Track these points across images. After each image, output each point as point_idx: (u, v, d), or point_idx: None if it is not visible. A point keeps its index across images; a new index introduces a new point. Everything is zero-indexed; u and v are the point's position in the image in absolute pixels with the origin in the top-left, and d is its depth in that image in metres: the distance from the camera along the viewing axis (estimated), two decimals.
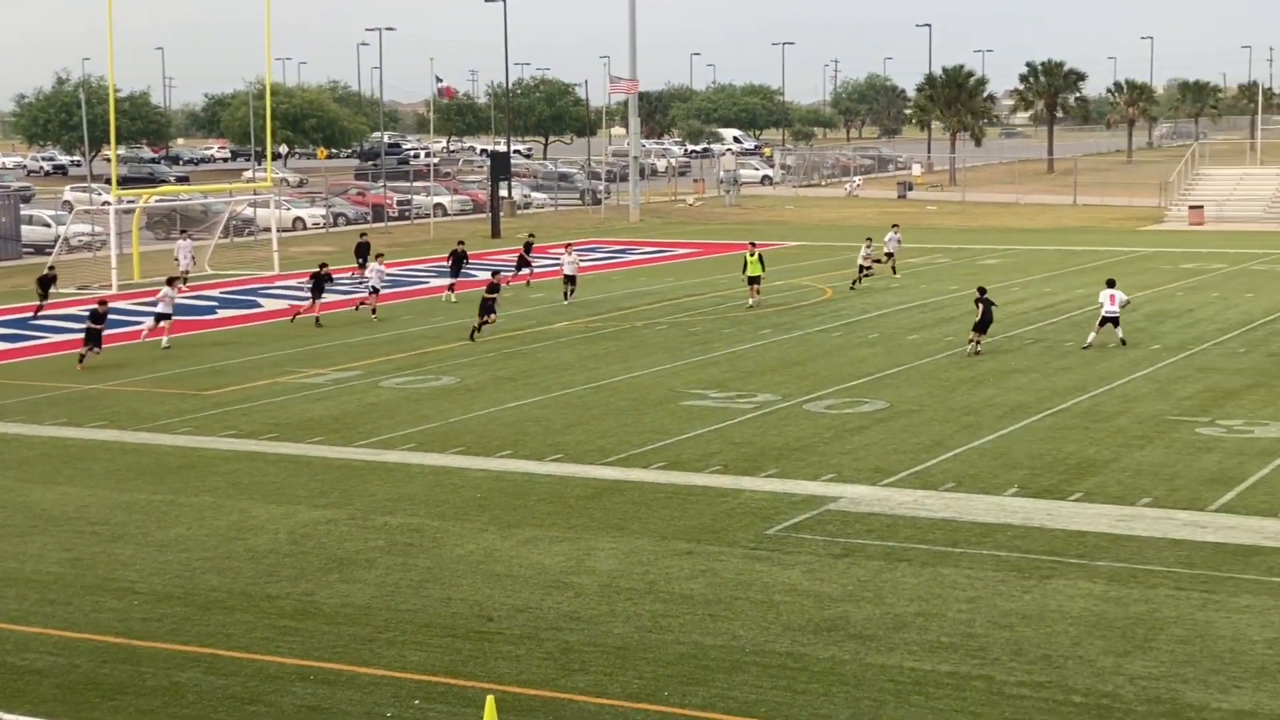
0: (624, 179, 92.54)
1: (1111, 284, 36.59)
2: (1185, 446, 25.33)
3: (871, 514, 21.65)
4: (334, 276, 44.85)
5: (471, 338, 38.51)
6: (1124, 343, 35.49)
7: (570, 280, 46.93)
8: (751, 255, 44.88)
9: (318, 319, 42.24)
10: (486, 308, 39.13)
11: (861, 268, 49.08)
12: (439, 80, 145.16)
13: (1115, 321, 35.83)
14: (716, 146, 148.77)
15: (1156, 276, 50.81)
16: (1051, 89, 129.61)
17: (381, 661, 16.25)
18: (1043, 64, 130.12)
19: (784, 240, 68.75)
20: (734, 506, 22.22)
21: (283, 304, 46.59)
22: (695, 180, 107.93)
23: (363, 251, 50.40)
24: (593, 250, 64.33)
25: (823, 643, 16.55)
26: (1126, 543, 19.95)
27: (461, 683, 15.60)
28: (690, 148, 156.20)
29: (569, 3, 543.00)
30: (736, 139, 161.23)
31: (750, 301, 44.47)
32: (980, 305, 35.13)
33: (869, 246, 49.90)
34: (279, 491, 23.57)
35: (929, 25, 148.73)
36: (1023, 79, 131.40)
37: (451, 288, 48.08)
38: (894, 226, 55.56)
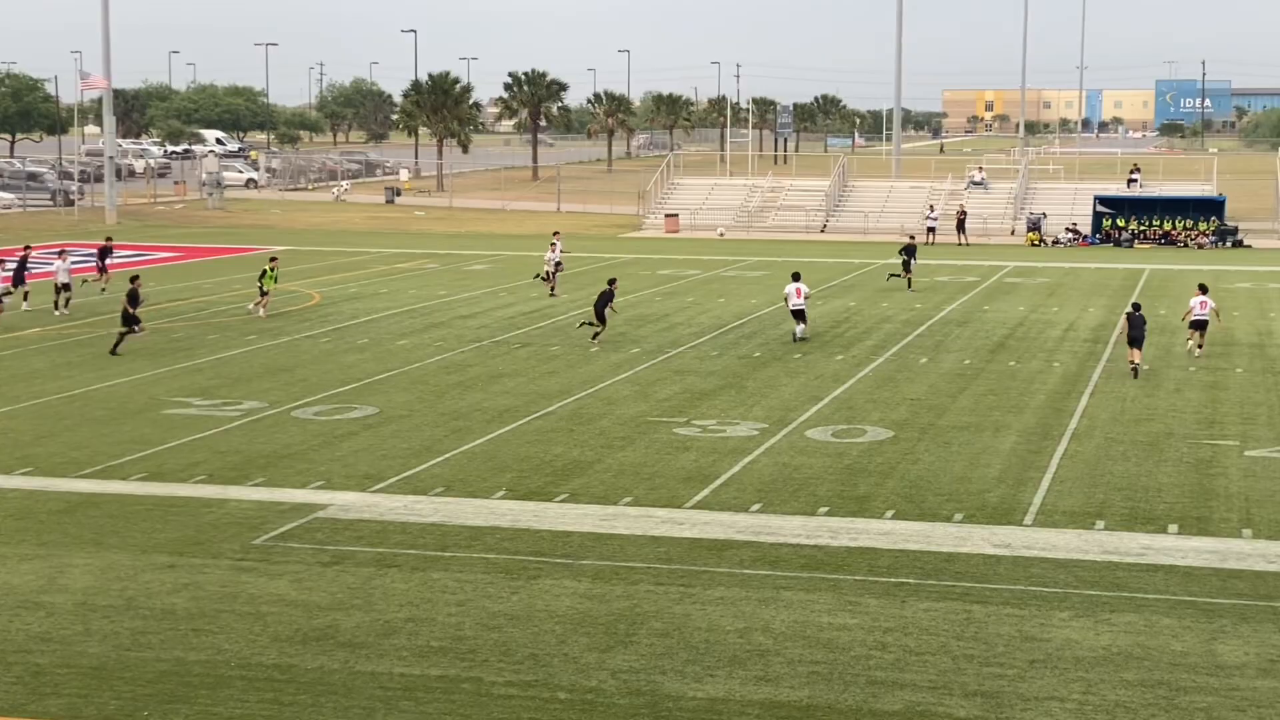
0: (100, 179, 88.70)
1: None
2: (664, 446, 26.34)
3: (361, 520, 21.50)
4: None
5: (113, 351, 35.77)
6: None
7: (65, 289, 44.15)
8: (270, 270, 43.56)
9: None
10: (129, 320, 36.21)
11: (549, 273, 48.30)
12: None
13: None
14: (198, 148, 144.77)
15: (636, 282, 52.70)
16: (535, 98, 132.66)
17: None
18: (526, 74, 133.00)
19: (271, 245, 67.49)
20: (219, 517, 21.60)
21: None
22: (176, 182, 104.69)
23: None
24: (70, 253, 61.17)
25: (311, 653, 16.29)
26: (609, 541, 20.56)
27: None
28: (171, 148, 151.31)
29: None
30: (219, 140, 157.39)
31: (250, 306, 43.30)
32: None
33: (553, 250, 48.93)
34: None
35: (415, 31, 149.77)
36: (507, 88, 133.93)
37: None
38: (555, 234, 52.21)
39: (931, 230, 71.08)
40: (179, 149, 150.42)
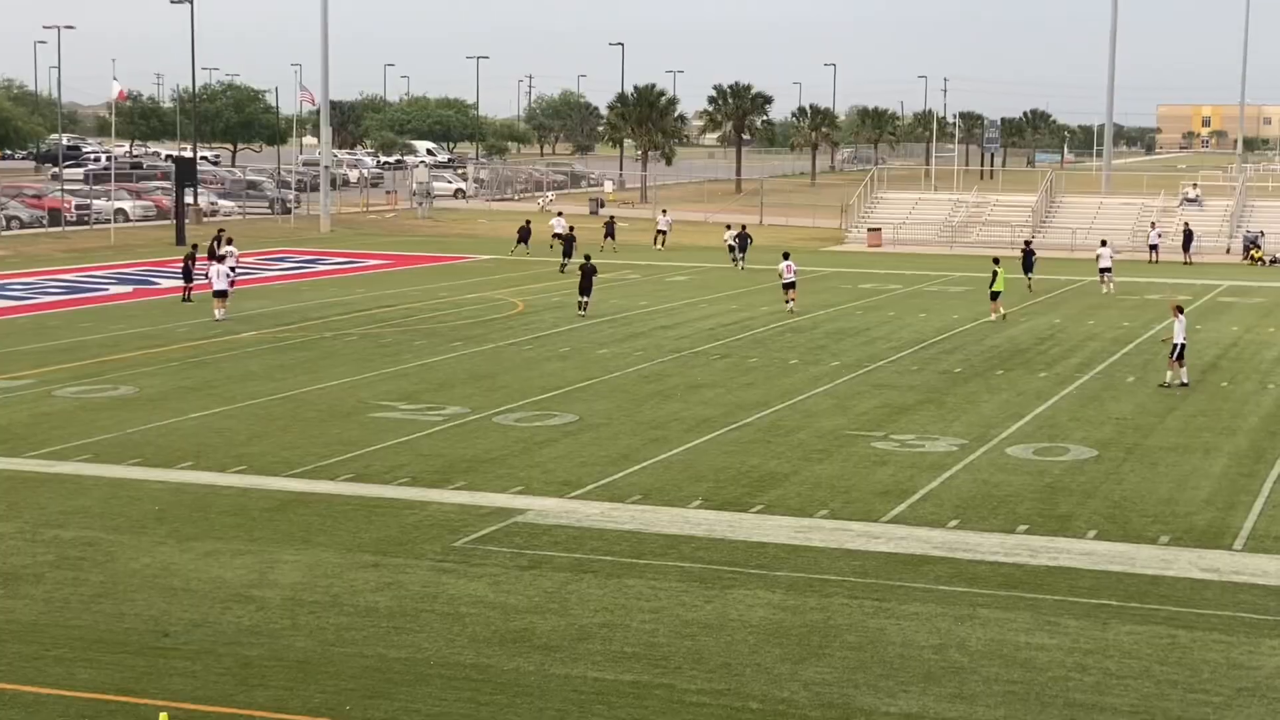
0: (315, 188, 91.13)
1: (1180, 310, 34.34)
2: (861, 460, 26.20)
3: (558, 526, 21.76)
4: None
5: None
6: (1184, 384, 33.44)
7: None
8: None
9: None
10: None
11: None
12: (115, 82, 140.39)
13: (1181, 354, 33.66)
14: (410, 158, 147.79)
15: (836, 296, 52.48)
16: (739, 111, 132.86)
17: (49, 680, 15.59)
18: (731, 87, 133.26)
19: (476, 254, 68.69)
20: (421, 519, 22.06)
21: None
22: (388, 192, 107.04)
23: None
24: (281, 260, 63.17)
25: (507, 654, 16.55)
26: (804, 553, 20.51)
27: (134, 700, 15.08)
28: (384, 159, 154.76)
29: (261, 6, 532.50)
30: (430, 151, 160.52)
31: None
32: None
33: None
34: None
35: (622, 44, 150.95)
36: (712, 100, 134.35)
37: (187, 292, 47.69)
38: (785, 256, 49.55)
39: (1154, 248, 69.61)
40: (391, 159, 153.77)
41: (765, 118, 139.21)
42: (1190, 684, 15.82)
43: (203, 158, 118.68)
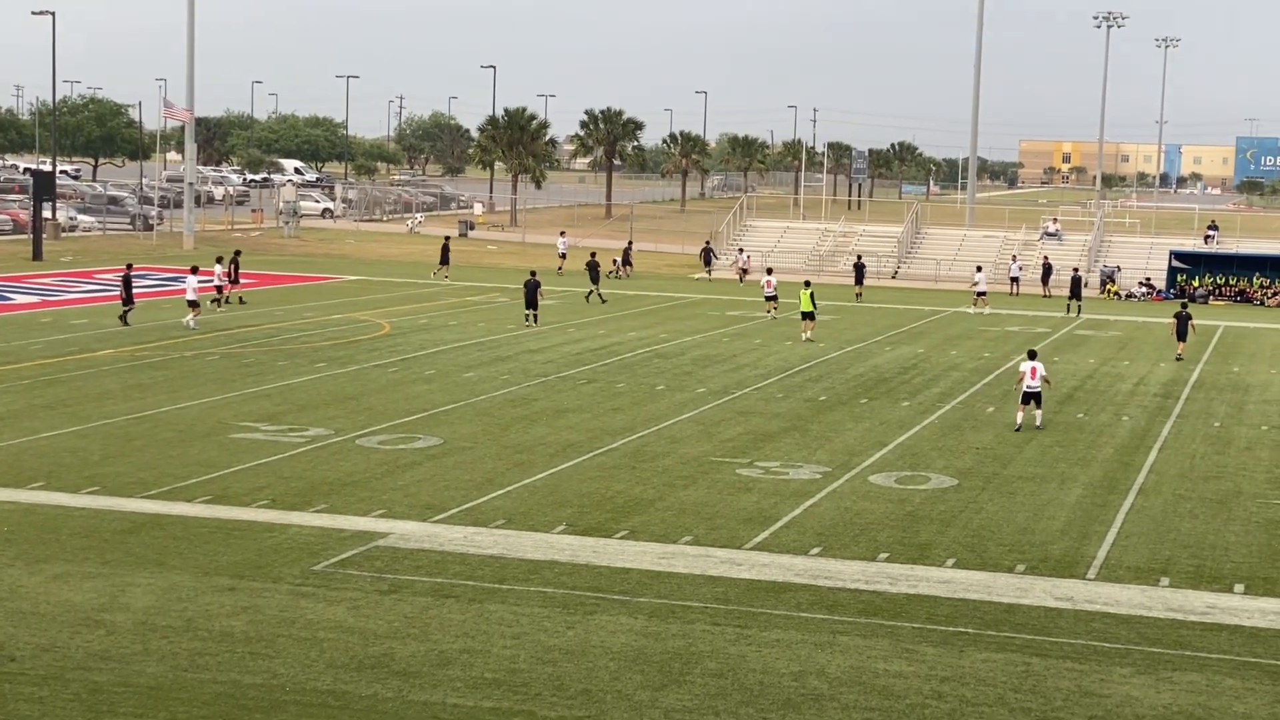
0: (178, 205, 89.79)
1: (1033, 355, 34.04)
2: (725, 487, 26.27)
3: (421, 550, 21.55)
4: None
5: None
6: (1039, 428, 32.72)
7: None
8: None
9: None
10: None
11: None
12: None
13: (1038, 399, 32.97)
14: (277, 177, 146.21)
15: (704, 322, 52.71)
16: (611, 136, 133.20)
17: None
18: (602, 112, 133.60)
19: (342, 275, 68.08)
20: (280, 542, 21.73)
21: None
22: (254, 210, 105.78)
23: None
24: (143, 277, 62.05)
25: (365, 680, 16.33)
26: (667, 579, 20.51)
27: None
28: (250, 177, 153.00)
29: (126, 19, 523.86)
30: (298, 170, 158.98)
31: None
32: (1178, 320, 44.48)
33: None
34: None
35: (494, 67, 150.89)
36: (583, 125, 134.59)
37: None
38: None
39: (1015, 280, 70.82)
40: (258, 177, 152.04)
41: (636, 143, 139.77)
42: (1043, 712, 16.02)
43: (63, 172, 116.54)
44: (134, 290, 47.01)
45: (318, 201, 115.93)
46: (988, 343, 49.24)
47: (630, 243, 79.22)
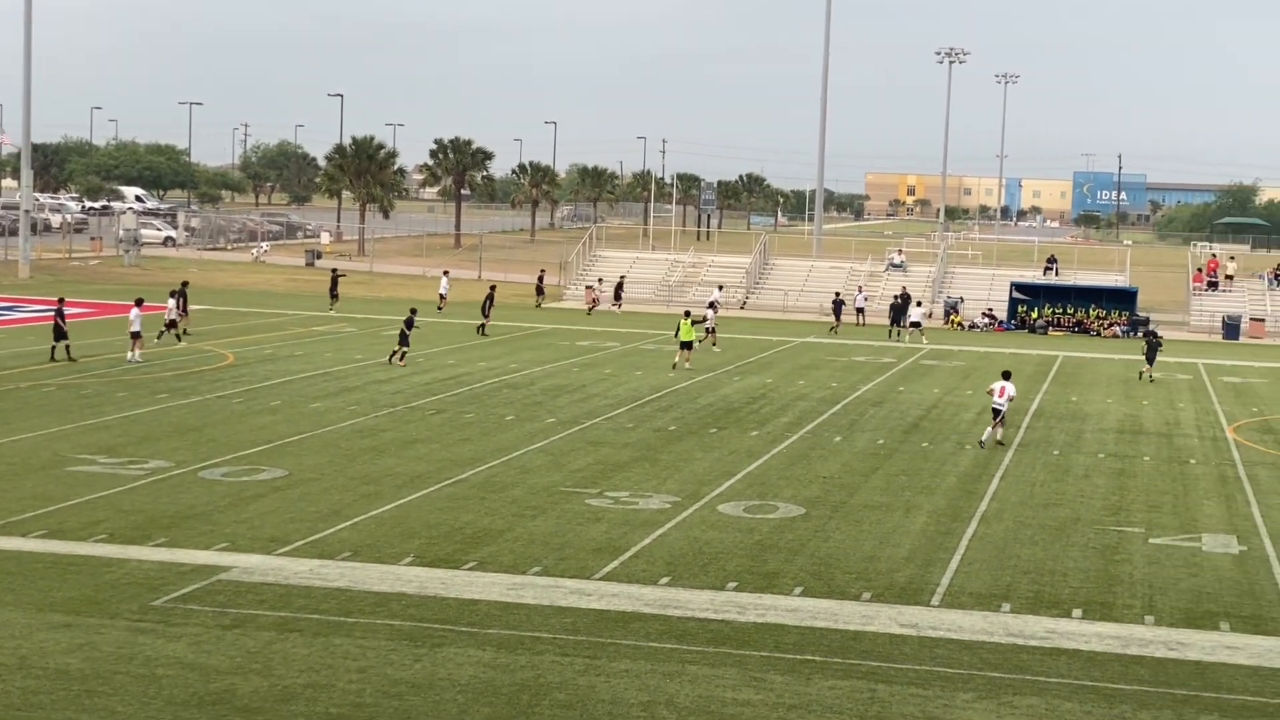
0: (14, 233, 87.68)
1: (1006, 376, 35.94)
2: (575, 517, 26.22)
3: (265, 584, 21.19)
4: None
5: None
6: (1001, 443, 34.93)
7: None
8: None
9: None
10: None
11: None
12: None
13: (1003, 418, 34.98)
14: (117, 204, 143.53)
15: (554, 353, 52.66)
16: (460, 166, 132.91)
17: None
18: (451, 141, 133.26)
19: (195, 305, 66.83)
20: (118, 577, 21.23)
21: None
22: (93, 238, 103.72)
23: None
24: None
25: (206, 717, 15.98)
26: (516, 610, 20.39)
27: None
28: (89, 204, 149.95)
29: None
30: (139, 197, 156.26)
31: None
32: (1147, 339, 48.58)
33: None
34: None
35: (341, 95, 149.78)
36: (432, 154, 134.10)
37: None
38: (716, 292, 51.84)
39: (860, 311, 71.69)
40: (97, 205, 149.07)
41: (486, 173, 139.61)
42: None
43: None
44: None
45: (160, 229, 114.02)
46: (835, 373, 49.81)
47: (543, 272, 79.29)
